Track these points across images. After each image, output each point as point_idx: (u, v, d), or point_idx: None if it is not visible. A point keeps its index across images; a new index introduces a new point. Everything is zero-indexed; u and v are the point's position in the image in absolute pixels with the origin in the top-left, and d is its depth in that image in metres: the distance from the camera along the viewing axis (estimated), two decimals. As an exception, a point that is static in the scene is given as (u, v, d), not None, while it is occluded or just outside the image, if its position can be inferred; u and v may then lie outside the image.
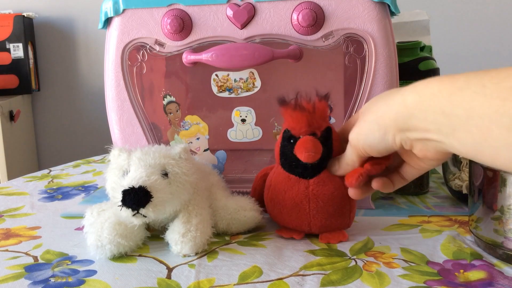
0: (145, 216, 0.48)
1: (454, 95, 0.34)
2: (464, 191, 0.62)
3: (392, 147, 0.42)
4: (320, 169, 0.51)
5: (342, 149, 0.51)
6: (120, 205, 0.47)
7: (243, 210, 0.55)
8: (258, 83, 0.61)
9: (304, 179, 0.51)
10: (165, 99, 0.64)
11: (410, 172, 0.47)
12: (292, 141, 0.51)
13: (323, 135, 0.50)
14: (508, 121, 0.30)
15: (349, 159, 0.48)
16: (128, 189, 0.47)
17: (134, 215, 0.47)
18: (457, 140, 0.35)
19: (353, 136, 0.46)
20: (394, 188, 0.49)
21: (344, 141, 0.51)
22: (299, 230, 0.54)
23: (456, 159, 0.65)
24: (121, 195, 0.47)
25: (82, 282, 0.45)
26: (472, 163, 0.51)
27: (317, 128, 0.50)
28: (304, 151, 0.50)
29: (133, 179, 0.48)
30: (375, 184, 0.49)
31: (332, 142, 0.51)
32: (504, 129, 0.31)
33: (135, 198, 0.47)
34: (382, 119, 0.41)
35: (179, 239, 0.50)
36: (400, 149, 0.42)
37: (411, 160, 0.46)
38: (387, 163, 0.47)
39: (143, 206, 0.47)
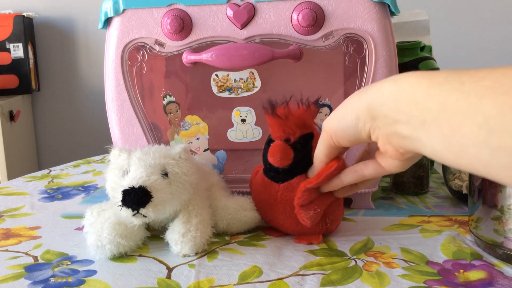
0: (145, 216, 0.48)
1: (432, 88, 0.34)
2: (464, 191, 0.62)
3: (362, 135, 0.41)
4: (292, 175, 0.51)
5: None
6: (120, 205, 0.47)
7: (243, 210, 0.55)
8: (258, 83, 0.61)
9: (276, 183, 0.52)
10: (165, 99, 0.64)
11: (369, 171, 0.46)
12: (271, 143, 0.51)
13: (299, 141, 0.50)
14: (481, 119, 0.30)
15: (318, 151, 0.48)
16: (128, 189, 0.47)
17: (134, 215, 0.48)
18: (425, 133, 0.34)
19: (327, 122, 0.45)
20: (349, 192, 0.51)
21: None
22: (279, 231, 0.55)
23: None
24: (121, 195, 0.47)
25: (82, 282, 0.45)
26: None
27: (291, 134, 0.50)
28: (271, 156, 0.50)
29: (133, 179, 0.48)
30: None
31: (311, 149, 0.50)
32: (475, 126, 0.30)
33: (135, 198, 0.47)
34: (357, 104, 0.41)
35: (179, 239, 0.50)
36: (368, 140, 0.42)
37: (372, 161, 0.46)
38: (329, 171, 0.47)
39: (143, 206, 0.47)
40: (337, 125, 0.44)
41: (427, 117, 0.34)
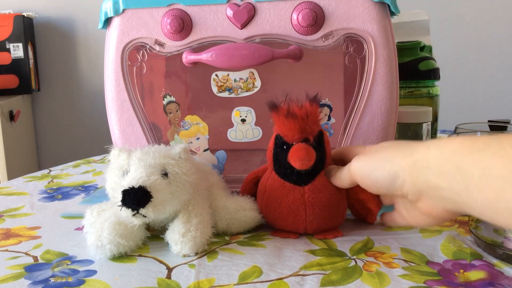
0: (145, 216, 0.48)
1: (472, 154, 0.35)
2: (464, 191, 0.62)
3: (396, 191, 0.42)
4: (315, 175, 0.51)
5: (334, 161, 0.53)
6: (120, 205, 0.47)
7: (243, 210, 0.55)
8: (258, 83, 0.61)
9: (299, 186, 0.52)
10: (165, 99, 0.64)
11: (396, 220, 0.49)
12: (285, 147, 0.51)
13: (315, 140, 0.50)
14: None
15: (343, 180, 0.49)
16: (128, 189, 0.47)
17: (134, 215, 0.48)
18: (470, 198, 0.35)
19: (357, 166, 0.46)
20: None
21: (339, 161, 0.52)
22: (294, 232, 0.54)
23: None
24: (121, 195, 0.47)
25: (82, 282, 0.45)
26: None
27: (310, 133, 0.50)
28: (298, 160, 0.50)
29: (133, 179, 0.48)
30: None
31: (325, 146, 0.51)
32: None
33: (135, 198, 0.47)
34: (398, 162, 0.42)
35: (179, 239, 0.50)
36: (400, 196, 0.43)
37: (403, 210, 0.47)
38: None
39: (143, 206, 0.47)
40: (368, 173, 0.45)
41: (469, 181, 0.35)
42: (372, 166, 0.44)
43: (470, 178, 0.35)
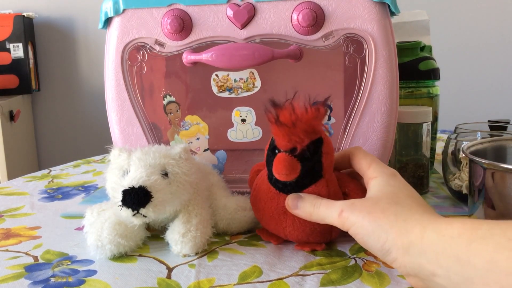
0: (145, 216, 0.48)
1: (475, 242, 0.33)
2: (464, 191, 0.62)
3: (387, 261, 0.40)
4: (301, 187, 0.48)
5: (338, 164, 0.50)
6: (120, 205, 0.47)
7: (243, 210, 0.55)
8: (258, 83, 0.61)
9: (284, 194, 0.48)
10: (165, 99, 0.64)
11: None
12: (276, 151, 0.47)
13: (308, 149, 0.46)
14: None
15: (322, 218, 0.45)
16: (128, 189, 0.47)
17: (134, 215, 0.48)
18: None
19: (352, 221, 0.42)
20: None
21: (342, 163, 0.50)
22: (278, 236, 0.52)
23: (456, 159, 0.65)
24: (121, 195, 0.47)
25: (82, 282, 0.45)
26: (472, 163, 0.51)
27: (298, 143, 0.45)
28: (276, 172, 0.46)
29: (133, 179, 0.48)
30: None
31: (321, 155, 0.47)
32: None
33: (135, 198, 0.47)
34: (393, 237, 0.38)
35: (179, 239, 0.50)
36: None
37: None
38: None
39: (143, 206, 0.47)
40: (362, 236, 0.41)
41: (472, 275, 0.32)
42: (367, 230, 0.40)
43: (472, 270, 0.32)
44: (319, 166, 0.47)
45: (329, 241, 0.52)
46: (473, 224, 0.34)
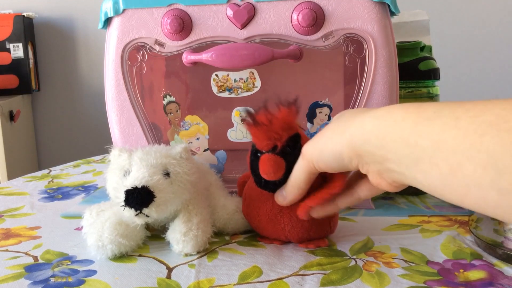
0: (148, 216, 0.48)
1: (420, 124, 0.32)
2: (464, 191, 0.62)
3: (349, 167, 0.40)
4: None
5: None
6: (123, 205, 0.47)
7: (240, 211, 0.55)
8: (258, 83, 0.61)
9: None
10: (165, 99, 0.64)
11: (364, 193, 0.45)
12: (259, 154, 0.48)
13: (288, 145, 0.47)
14: (486, 158, 0.28)
15: (297, 178, 0.45)
16: (131, 189, 0.47)
17: (137, 215, 0.48)
18: (420, 172, 0.32)
19: (308, 148, 0.43)
20: (340, 208, 0.48)
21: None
22: (278, 240, 0.53)
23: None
24: (124, 195, 0.47)
25: (82, 282, 0.45)
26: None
27: (278, 139, 0.46)
28: (263, 172, 0.47)
29: (135, 179, 0.48)
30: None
31: (301, 148, 0.47)
32: (479, 166, 0.28)
33: (138, 198, 0.47)
34: (338, 140, 0.39)
35: (180, 238, 0.50)
36: (356, 169, 0.40)
37: (366, 182, 0.44)
38: (333, 192, 0.46)
39: (146, 206, 0.47)
40: (318, 155, 0.42)
41: (420, 156, 0.32)
42: (319, 148, 0.41)
43: (420, 151, 0.32)
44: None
45: (329, 234, 0.53)
46: (418, 108, 0.34)
